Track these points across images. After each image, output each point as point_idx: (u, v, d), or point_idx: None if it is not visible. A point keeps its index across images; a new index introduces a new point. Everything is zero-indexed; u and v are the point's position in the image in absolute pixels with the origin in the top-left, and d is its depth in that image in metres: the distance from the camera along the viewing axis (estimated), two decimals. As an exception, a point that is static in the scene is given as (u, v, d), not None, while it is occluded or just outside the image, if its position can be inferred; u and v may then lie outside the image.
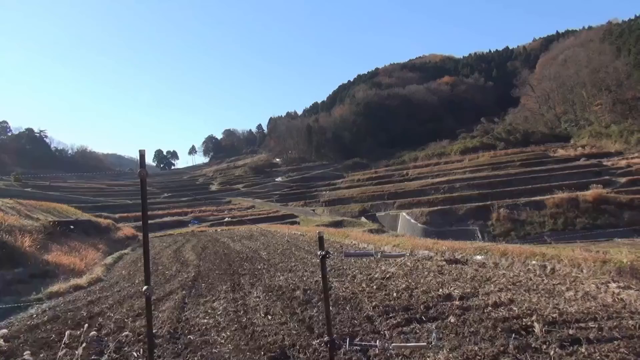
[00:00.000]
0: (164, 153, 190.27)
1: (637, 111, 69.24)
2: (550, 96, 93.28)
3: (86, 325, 7.22)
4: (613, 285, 6.98)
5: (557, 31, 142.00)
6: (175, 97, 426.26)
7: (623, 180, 50.31)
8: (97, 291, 12.20)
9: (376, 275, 9.85)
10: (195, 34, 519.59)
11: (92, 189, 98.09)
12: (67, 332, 5.90)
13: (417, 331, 5.69)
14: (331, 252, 11.98)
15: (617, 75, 75.44)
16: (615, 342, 4.68)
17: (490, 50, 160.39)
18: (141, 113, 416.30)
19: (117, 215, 56.08)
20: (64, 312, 9.19)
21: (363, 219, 56.33)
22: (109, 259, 21.03)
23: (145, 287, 2.61)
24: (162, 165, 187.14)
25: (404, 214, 51.91)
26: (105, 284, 13.93)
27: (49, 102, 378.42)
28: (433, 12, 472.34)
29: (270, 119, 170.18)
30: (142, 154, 2.54)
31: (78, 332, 6.82)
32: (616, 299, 6.28)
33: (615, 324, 5.23)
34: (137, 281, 13.34)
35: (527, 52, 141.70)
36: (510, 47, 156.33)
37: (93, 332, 6.84)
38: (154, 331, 6.80)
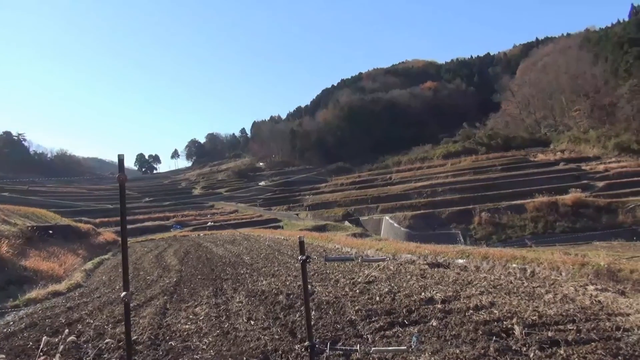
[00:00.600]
0: (146, 157, 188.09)
1: (614, 117, 70.71)
2: (530, 102, 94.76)
3: (65, 332, 7.10)
4: (591, 287, 7.11)
5: (536, 38, 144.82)
6: (158, 101, 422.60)
7: (601, 184, 51.27)
8: (76, 297, 12.00)
9: (359, 279, 9.86)
10: (178, 38, 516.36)
11: (72, 193, 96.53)
12: (45, 339, 5.81)
13: (400, 335, 5.72)
14: (313, 257, 11.94)
15: (594, 82, 76.97)
16: (592, 343, 4.77)
17: (471, 56, 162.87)
18: (123, 116, 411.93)
19: (97, 220, 55.12)
20: (42, 318, 9.01)
21: (346, 223, 56.38)
22: (89, 265, 20.70)
23: (123, 293, 2.57)
24: (143, 169, 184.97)
25: (387, 218, 52.10)
26: (85, 289, 13.70)
27: (28, 104, 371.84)
28: (415, 18, 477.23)
29: (254, 123, 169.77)
30: (121, 159, 2.51)
31: (56, 339, 6.71)
32: (594, 301, 6.40)
33: (592, 325, 5.33)
34: (117, 287, 13.15)
35: (508, 58, 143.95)
36: (492, 53, 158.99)
37: (71, 339, 6.74)
38: (134, 337, 6.72)
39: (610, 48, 77.25)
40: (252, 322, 7.18)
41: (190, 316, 8.14)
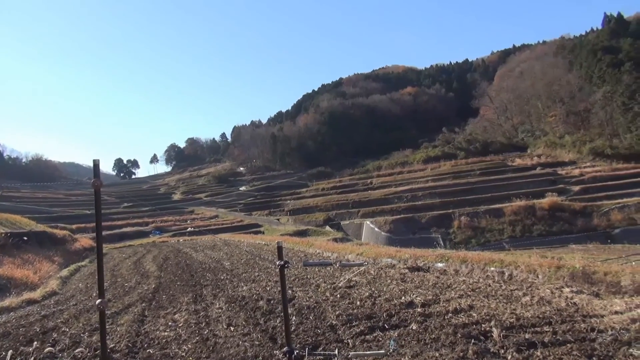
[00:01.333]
0: (124, 162, 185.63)
1: (589, 122, 72.49)
2: (507, 107, 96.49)
3: (39, 341, 6.95)
4: (566, 290, 7.24)
5: (513, 45, 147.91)
6: (137, 105, 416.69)
7: (576, 188, 52.48)
8: (51, 305, 11.73)
9: (340, 284, 9.87)
10: (157, 42, 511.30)
11: (47, 198, 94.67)
12: (19, 349, 5.67)
13: (380, 339, 5.73)
14: (292, 262, 11.97)
15: (569, 88, 78.85)
16: (568, 345, 4.85)
17: (450, 62, 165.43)
18: (101, 121, 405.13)
19: (74, 226, 54.21)
20: (16, 327, 8.77)
21: (327, 227, 56.46)
22: (65, 272, 20.28)
23: (99, 301, 2.52)
24: (122, 174, 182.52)
25: (368, 222, 52.34)
26: (61, 297, 13.41)
27: (1, 107, 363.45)
28: (395, 24, 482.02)
29: (235, 127, 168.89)
30: (96, 164, 2.46)
31: (30, 349, 6.55)
32: (569, 303, 6.52)
33: (568, 327, 5.42)
34: (94, 294, 12.90)
35: (486, 64, 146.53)
36: (470, 60, 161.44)
37: (47, 349, 6.59)
38: (111, 346, 6.61)
39: (584, 55, 79.28)
40: (232, 329, 7.12)
41: (169, 323, 8.03)
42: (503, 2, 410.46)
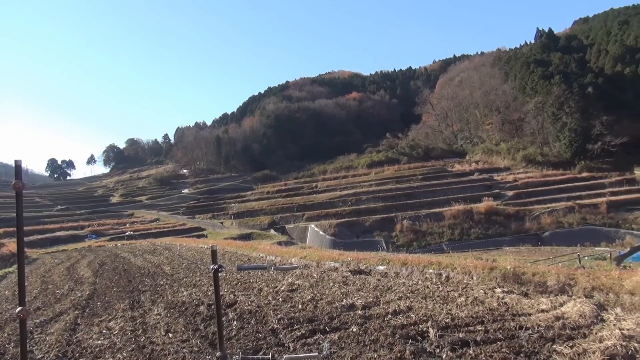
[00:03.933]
0: (59, 162, 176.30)
1: (522, 131, 76.52)
2: (448, 114, 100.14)
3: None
4: (498, 290, 7.60)
5: (454, 55, 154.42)
6: (73, 102, 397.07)
7: (510, 193, 55.18)
8: (-27, 315, 10.95)
9: (282, 288, 9.85)
10: (96, 35, 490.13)
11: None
12: None
13: (321, 342, 5.77)
14: (234, 266, 11.83)
15: (505, 98, 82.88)
16: (498, 342, 5.09)
17: (394, 69, 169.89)
18: (32, 117, 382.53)
19: (0, 230, 50.86)
20: None
21: (272, 231, 56.14)
22: (-11, 279, 18.99)
23: (19, 309, 2.38)
24: (56, 175, 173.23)
25: (313, 226, 52.54)
26: (-16, 306, 12.54)
27: None
28: (341, 30, 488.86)
29: (178, 128, 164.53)
30: (18, 164, 2.32)
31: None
32: (500, 303, 6.84)
33: (499, 326, 5.69)
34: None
35: (428, 72, 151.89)
36: (413, 68, 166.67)
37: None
38: (39, 356, 6.27)
39: (518, 67, 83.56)
40: (171, 335, 6.94)
41: (104, 331, 7.72)
42: (445, 14, 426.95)
